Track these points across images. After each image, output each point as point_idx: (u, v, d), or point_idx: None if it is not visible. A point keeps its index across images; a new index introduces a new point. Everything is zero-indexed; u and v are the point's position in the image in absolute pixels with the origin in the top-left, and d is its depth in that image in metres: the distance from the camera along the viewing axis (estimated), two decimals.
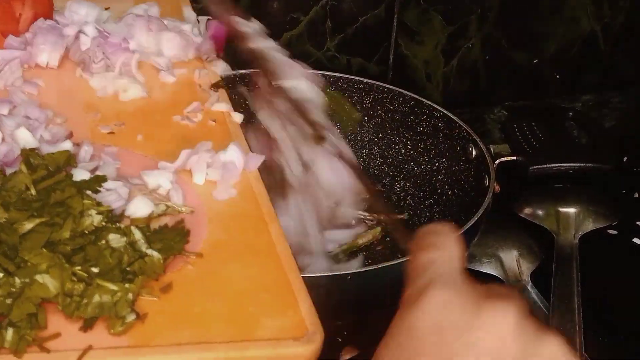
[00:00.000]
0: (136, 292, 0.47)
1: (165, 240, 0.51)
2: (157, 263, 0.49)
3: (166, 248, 0.51)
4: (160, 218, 0.55)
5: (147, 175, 0.59)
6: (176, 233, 0.52)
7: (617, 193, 1.09)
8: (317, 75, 1.00)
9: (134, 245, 0.50)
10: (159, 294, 0.48)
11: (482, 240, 0.89)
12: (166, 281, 0.49)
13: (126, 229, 0.50)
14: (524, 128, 1.07)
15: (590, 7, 1.22)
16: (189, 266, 0.51)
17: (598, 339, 0.84)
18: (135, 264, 0.48)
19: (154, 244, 0.50)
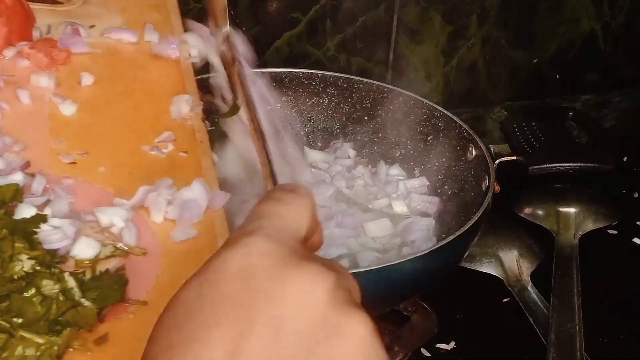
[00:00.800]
0: (64, 345, 0.44)
1: (102, 288, 0.48)
2: (90, 314, 0.46)
3: (101, 297, 0.47)
4: (108, 260, 0.52)
5: (100, 212, 0.55)
6: (114, 281, 0.49)
7: (617, 193, 1.09)
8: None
9: (67, 293, 0.46)
10: (92, 347, 0.45)
11: (482, 240, 0.89)
12: (102, 332, 0.46)
13: (59, 276, 0.47)
14: (524, 128, 1.07)
15: (590, 7, 1.22)
16: (130, 315, 0.47)
17: (598, 339, 0.84)
18: (68, 314, 0.45)
19: (89, 292, 0.47)
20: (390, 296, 0.77)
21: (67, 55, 0.73)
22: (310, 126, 1.03)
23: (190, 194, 0.57)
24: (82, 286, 0.47)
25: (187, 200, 0.57)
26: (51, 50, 0.73)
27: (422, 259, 0.73)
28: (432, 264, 0.75)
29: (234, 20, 1.05)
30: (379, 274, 0.71)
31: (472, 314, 0.88)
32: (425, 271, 0.75)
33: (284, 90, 1.01)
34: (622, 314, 0.90)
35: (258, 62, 1.08)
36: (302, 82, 1.01)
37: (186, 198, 0.57)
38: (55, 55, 0.72)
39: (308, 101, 1.02)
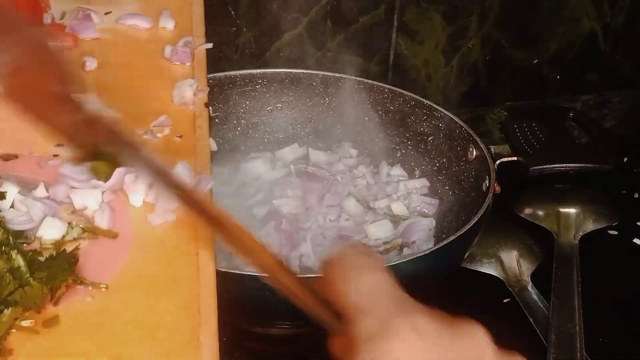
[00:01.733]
0: (5, 326, 0.43)
1: (52, 268, 0.47)
2: (38, 294, 0.45)
3: (50, 277, 0.46)
4: (76, 241, 0.51)
5: (74, 194, 0.54)
6: (64, 261, 0.48)
7: (617, 193, 1.09)
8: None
9: (14, 272, 0.45)
10: (41, 328, 0.44)
11: (482, 240, 0.89)
12: (54, 313, 0.45)
13: (9, 253, 0.46)
14: (524, 128, 1.07)
15: (590, 7, 1.22)
16: (87, 298, 0.46)
17: (598, 339, 0.84)
18: (15, 294, 0.44)
19: (38, 272, 0.46)
20: None
21: (74, 40, 0.74)
22: (311, 126, 1.03)
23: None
24: (34, 266, 0.46)
25: None
26: (57, 35, 0.73)
27: (422, 259, 0.73)
28: (432, 264, 0.75)
29: (235, 20, 1.05)
30: None
31: (472, 314, 0.88)
32: (425, 271, 0.75)
33: (285, 90, 1.01)
34: (622, 314, 0.90)
35: (258, 62, 1.08)
36: (302, 83, 1.01)
37: None
38: (61, 41, 0.72)
39: (309, 101, 1.02)
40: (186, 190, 0.45)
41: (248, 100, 1.01)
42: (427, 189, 0.96)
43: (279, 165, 0.99)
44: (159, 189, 0.48)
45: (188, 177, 0.56)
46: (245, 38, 1.07)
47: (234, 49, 1.07)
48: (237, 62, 1.07)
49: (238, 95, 1.00)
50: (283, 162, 1.00)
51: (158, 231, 0.53)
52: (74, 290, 0.47)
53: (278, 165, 0.99)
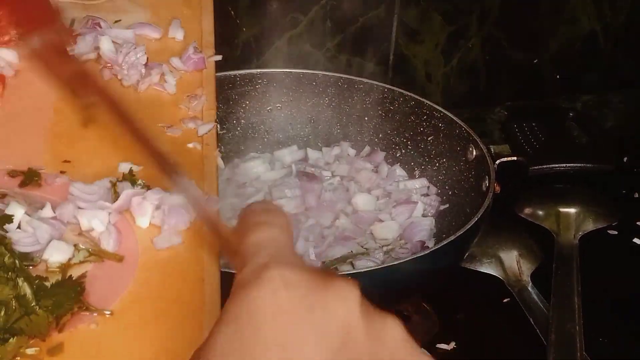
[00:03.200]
0: (11, 354, 0.42)
1: (57, 295, 0.46)
2: (43, 322, 0.44)
3: (55, 306, 0.45)
4: (82, 264, 0.50)
5: (81, 215, 0.54)
6: (70, 289, 0.47)
7: (617, 193, 1.09)
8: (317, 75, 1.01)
9: (20, 300, 0.45)
10: (45, 356, 0.43)
11: (482, 240, 0.89)
12: (59, 341, 0.44)
13: (16, 281, 0.45)
14: (524, 128, 1.07)
15: (590, 7, 1.22)
16: (92, 325, 0.46)
17: (598, 339, 0.84)
18: (21, 321, 0.44)
19: (44, 300, 0.45)
20: (390, 296, 0.77)
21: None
22: (311, 126, 1.03)
23: (179, 199, 0.54)
24: (40, 293, 0.46)
25: (176, 205, 0.55)
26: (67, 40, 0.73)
27: (422, 259, 0.73)
28: (432, 264, 0.75)
29: (235, 20, 1.05)
30: (379, 274, 0.72)
31: (472, 314, 0.88)
32: (425, 271, 0.75)
33: (285, 90, 1.01)
34: (622, 314, 0.90)
35: (258, 62, 1.08)
36: (302, 83, 1.01)
37: (175, 203, 0.55)
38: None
39: (308, 101, 1.02)
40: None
41: (248, 100, 1.01)
42: (427, 189, 0.96)
43: (277, 165, 0.99)
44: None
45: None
46: (245, 38, 1.07)
47: (234, 49, 1.07)
48: (237, 62, 1.07)
49: (238, 95, 1.00)
50: (282, 163, 1.00)
51: (164, 255, 0.52)
52: (79, 317, 0.46)
53: (277, 166, 0.99)
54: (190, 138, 0.65)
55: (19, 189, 0.57)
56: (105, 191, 0.57)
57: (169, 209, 0.55)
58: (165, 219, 0.54)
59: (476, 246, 0.87)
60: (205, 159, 0.63)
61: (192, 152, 0.63)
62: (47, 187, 0.57)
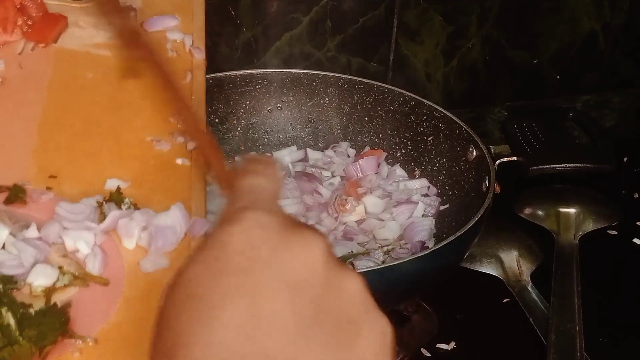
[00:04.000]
0: None
1: (42, 325, 0.45)
2: (26, 352, 0.44)
3: (40, 337, 0.45)
4: (66, 288, 0.49)
5: (66, 235, 0.52)
6: (55, 319, 0.46)
7: (617, 193, 1.09)
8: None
9: (4, 330, 0.44)
10: None
11: (482, 240, 0.89)
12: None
13: (0, 311, 0.45)
14: (524, 128, 1.07)
15: (590, 7, 1.21)
16: (75, 354, 0.45)
17: (598, 339, 0.84)
18: (4, 351, 0.44)
19: (28, 329, 0.45)
20: (390, 296, 0.77)
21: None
22: (311, 127, 1.03)
23: (167, 220, 0.53)
24: (24, 322, 0.45)
25: (162, 227, 0.53)
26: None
27: (422, 259, 0.73)
28: (432, 265, 0.75)
29: (235, 20, 1.05)
30: (379, 274, 0.72)
31: (472, 314, 0.88)
32: (425, 271, 0.75)
33: (285, 90, 1.01)
34: (622, 314, 0.90)
35: (258, 62, 1.08)
36: (302, 83, 1.01)
37: (162, 224, 0.53)
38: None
39: (308, 102, 1.02)
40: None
41: (248, 100, 1.01)
42: (427, 189, 0.96)
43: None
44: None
45: (182, 220, 0.53)
46: (245, 38, 1.07)
47: (234, 49, 1.07)
48: (237, 62, 1.07)
49: (238, 95, 1.00)
50: (280, 164, 1.00)
51: (150, 278, 0.50)
52: (62, 345, 0.45)
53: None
54: (179, 153, 0.63)
55: (4, 207, 0.55)
56: (92, 210, 0.56)
57: (155, 230, 0.53)
58: (152, 241, 0.53)
59: (476, 246, 0.87)
60: (193, 176, 0.61)
61: (181, 168, 0.62)
62: (33, 204, 0.56)
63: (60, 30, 0.72)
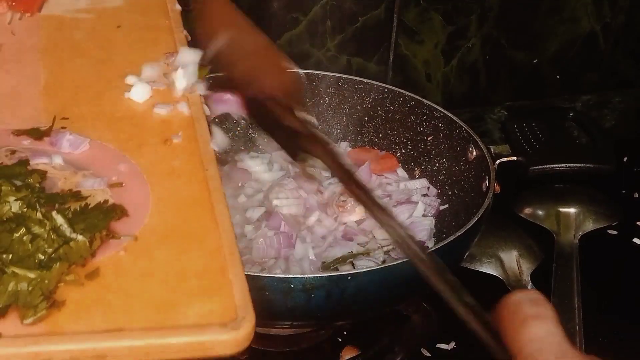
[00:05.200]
0: (55, 279, 0.46)
1: (88, 219, 0.50)
2: (83, 246, 0.48)
3: (90, 227, 0.49)
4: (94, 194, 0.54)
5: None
6: (99, 212, 0.51)
7: (617, 193, 1.09)
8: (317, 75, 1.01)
9: (58, 230, 0.48)
10: (84, 281, 0.47)
11: (483, 240, 0.89)
12: (94, 266, 0.48)
13: (47, 214, 0.49)
14: (523, 128, 1.07)
15: (590, 7, 1.22)
16: (121, 252, 0.49)
17: (598, 339, 0.84)
18: (60, 250, 0.47)
19: (77, 225, 0.49)
20: (390, 296, 0.77)
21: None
22: None
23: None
24: (70, 220, 0.49)
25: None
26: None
27: None
28: None
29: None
30: (379, 274, 0.72)
31: None
32: None
33: None
34: (622, 314, 0.90)
35: None
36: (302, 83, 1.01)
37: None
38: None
39: (308, 102, 1.02)
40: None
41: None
42: (427, 189, 0.96)
43: (276, 166, 0.99)
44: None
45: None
46: None
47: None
48: None
49: None
50: (280, 164, 1.00)
51: (171, 186, 0.55)
52: (107, 245, 0.49)
53: (275, 167, 0.99)
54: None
55: (28, 144, 0.59)
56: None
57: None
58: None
59: (476, 246, 0.87)
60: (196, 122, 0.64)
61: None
62: (53, 139, 0.59)
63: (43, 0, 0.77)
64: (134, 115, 0.63)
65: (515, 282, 0.91)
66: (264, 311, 0.71)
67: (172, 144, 0.60)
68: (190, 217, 0.53)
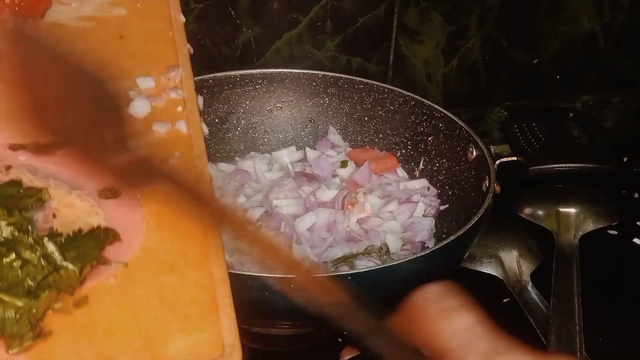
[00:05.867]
0: (43, 308, 0.45)
1: (80, 247, 0.49)
2: (73, 275, 0.47)
3: (81, 256, 0.48)
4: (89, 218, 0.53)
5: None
6: (91, 240, 0.50)
7: (617, 193, 1.09)
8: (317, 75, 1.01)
9: (48, 257, 0.47)
10: (72, 309, 0.46)
11: (483, 240, 0.89)
12: (82, 294, 0.47)
13: (39, 240, 0.48)
14: (523, 128, 1.07)
15: (590, 7, 1.22)
16: (111, 279, 0.49)
17: (598, 339, 0.84)
18: (50, 278, 0.46)
19: (68, 252, 0.48)
20: (390, 296, 0.77)
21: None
22: (311, 127, 1.03)
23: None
24: (63, 247, 0.48)
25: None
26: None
27: (422, 259, 0.73)
28: (432, 264, 0.75)
29: (235, 20, 1.05)
30: (379, 274, 0.72)
31: None
32: (425, 271, 0.75)
33: (285, 90, 1.01)
34: (622, 314, 0.90)
35: (258, 62, 1.08)
36: (302, 83, 1.01)
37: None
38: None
39: (308, 102, 1.02)
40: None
41: (248, 100, 1.01)
42: (427, 190, 0.96)
43: (276, 166, 0.99)
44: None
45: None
46: (245, 38, 1.07)
47: (234, 49, 1.07)
48: (237, 62, 1.07)
49: (238, 95, 1.00)
50: (280, 164, 1.00)
51: (164, 211, 0.54)
52: (97, 270, 0.49)
53: (275, 167, 0.99)
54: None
55: (24, 160, 0.58)
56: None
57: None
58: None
59: (476, 246, 0.87)
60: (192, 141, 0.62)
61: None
62: (49, 158, 0.59)
63: (46, 7, 0.76)
64: (132, 132, 0.60)
65: (515, 282, 0.91)
66: (264, 311, 0.72)
67: (169, 164, 0.58)
68: (183, 246, 0.52)
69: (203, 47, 1.03)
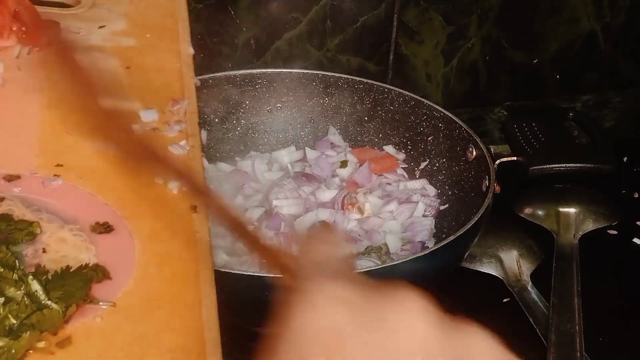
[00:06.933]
0: (23, 350, 0.43)
1: (66, 286, 0.47)
2: (56, 315, 0.45)
3: (66, 296, 0.46)
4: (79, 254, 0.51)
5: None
6: (78, 279, 0.48)
7: (617, 193, 1.09)
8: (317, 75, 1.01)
9: (32, 296, 0.46)
10: (55, 349, 0.44)
11: (482, 240, 0.89)
12: (66, 334, 0.45)
13: (24, 278, 0.46)
14: (523, 128, 1.07)
15: (590, 7, 1.22)
16: (97, 319, 0.47)
17: (598, 339, 0.84)
18: (33, 317, 0.45)
19: (53, 292, 0.46)
20: None
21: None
22: (311, 126, 1.03)
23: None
24: (46, 286, 0.47)
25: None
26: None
27: (422, 259, 0.73)
28: (432, 264, 0.75)
29: (235, 20, 1.05)
30: (379, 274, 0.71)
31: (472, 314, 0.88)
32: (425, 271, 0.75)
33: (285, 90, 1.01)
34: (622, 314, 0.90)
35: (258, 62, 1.08)
36: (302, 83, 1.01)
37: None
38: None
39: (308, 102, 1.02)
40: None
41: (248, 100, 1.01)
42: (427, 190, 0.96)
43: (275, 166, 0.99)
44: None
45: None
46: (245, 38, 1.07)
47: (234, 49, 1.07)
48: (237, 62, 1.07)
49: (238, 95, 1.00)
50: (280, 164, 1.00)
51: (159, 249, 0.52)
52: (84, 310, 0.47)
53: (275, 167, 0.99)
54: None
55: (18, 192, 0.57)
56: None
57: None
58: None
59: (476, 246, 0.87)
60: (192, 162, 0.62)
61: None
62: (44, 190, 0.57)
63: (54, 35, 0.75)
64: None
65: (515, 282, 0.91)
66: (264, 311, 0.71)
67: (167, 195, 0.56)
68: (174, 289, 0.50)
69: (203, 47, 1.03)
